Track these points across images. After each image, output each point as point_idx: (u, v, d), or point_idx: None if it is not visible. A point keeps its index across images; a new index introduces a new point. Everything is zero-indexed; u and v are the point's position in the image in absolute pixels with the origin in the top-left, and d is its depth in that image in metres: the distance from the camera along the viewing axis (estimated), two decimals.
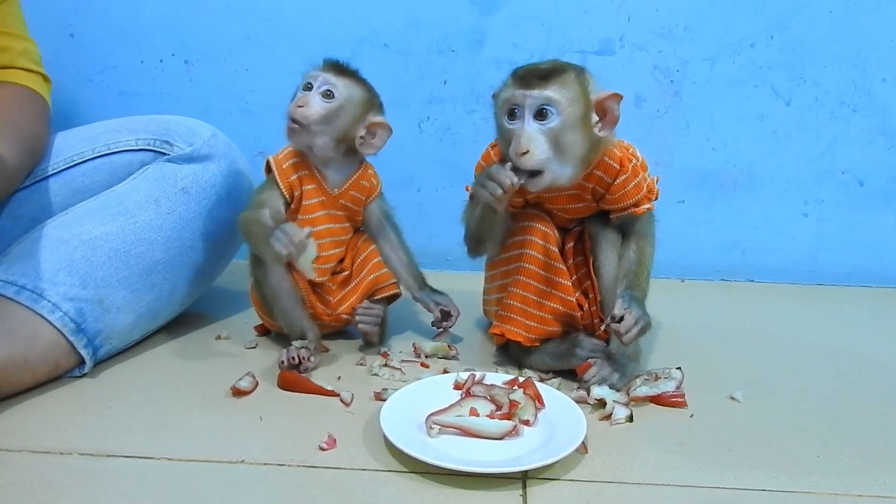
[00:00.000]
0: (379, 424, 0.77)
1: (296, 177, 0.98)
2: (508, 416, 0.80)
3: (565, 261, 0.95)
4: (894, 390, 0.95)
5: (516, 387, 0.84)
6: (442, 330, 1.07)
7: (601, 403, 0.85)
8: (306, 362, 0.94)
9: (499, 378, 0.89)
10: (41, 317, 0.88)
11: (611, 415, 0.83)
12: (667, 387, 0.89)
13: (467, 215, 0.98)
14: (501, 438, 0.78)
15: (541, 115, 0.84)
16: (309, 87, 0.96)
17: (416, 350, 1.03)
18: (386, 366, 0.96)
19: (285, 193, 0.97)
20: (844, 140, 1.36)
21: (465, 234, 0.98)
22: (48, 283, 0.90)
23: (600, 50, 1.34)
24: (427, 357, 1.01)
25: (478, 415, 0.80)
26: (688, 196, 1.41)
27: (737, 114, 1.36)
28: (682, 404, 0.88)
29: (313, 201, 0.99)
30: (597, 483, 0.72)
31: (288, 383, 0.91)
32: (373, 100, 1.00)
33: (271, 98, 1.34)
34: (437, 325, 1.06)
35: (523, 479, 0.72)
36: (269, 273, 0.98)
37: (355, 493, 0.70)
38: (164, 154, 1.04)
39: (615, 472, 0.74)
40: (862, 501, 0.71)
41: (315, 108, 0.95)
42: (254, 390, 0.90)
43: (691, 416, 0.86)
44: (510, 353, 0.99)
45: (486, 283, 1.04)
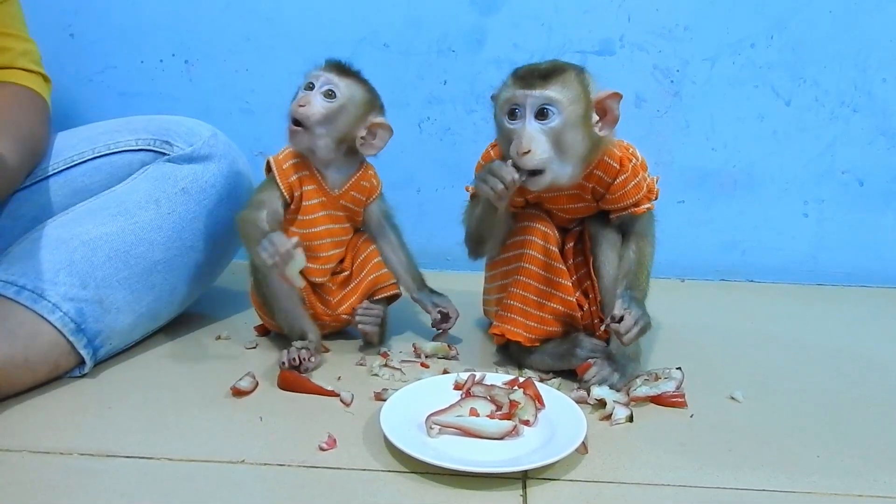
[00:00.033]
0: (379, 424, 0.77)
1: (296, 177, 0.98)
2: (508, 417, 0.80)
3: (565, 261, 0.95)
4: (894, 390, 0.95)
5: (516, 387, 0.84)
6: (442, 331, 1.07)
7: (601, 403, 0.85)
8: (307, 363, 0.94)
9: (499, 378, 0.89)
10: (41, 317, 0.88)
11: (611, 415, 0.83)
12: (667, 387, 0.89)
13: (468, 216, 0.98)
14: (501, 438, 0.78)
15: (542, 114, 0.84)
16: (311, 86, 0.96)
17: (416, 350, 1.03)
18: (386, 366, 0.96)
19: (285, 194, 0.98)
20: (844, 140, 1.36)
21: (466, 235, 0.98)
22: (48, 284, 0.90)
23: (600, 50, 1.34)
24: (427, 357, 1.01)
25: (478, 415, 0.80)
26: (688, 196, 1.41)
27: (737, 114, 1.36)
28: (683, 404, 0.88)
29: (313, 202, 0.99)
30: (597, 483, 0.72)
31: (288, 383, 0.91)
32: (374, 100, 1.00)
33: (271, 98, 1.34)
34: (436, 327, 1.07)
35: (523, 479, 0.72)
36: (270, 273, 0.98)
37: (355, 493, 0.70)
38: (164, 154, 1.04)
39: (615, 473, 0.74)
40: (862, 501, 0.71)
41: (317, 107, 0.95)
42: (254, 390, 0.90)
43: (691, 417, 0.86)
44: (510, 354, 0.99)
45: (486, 283, 1.04)
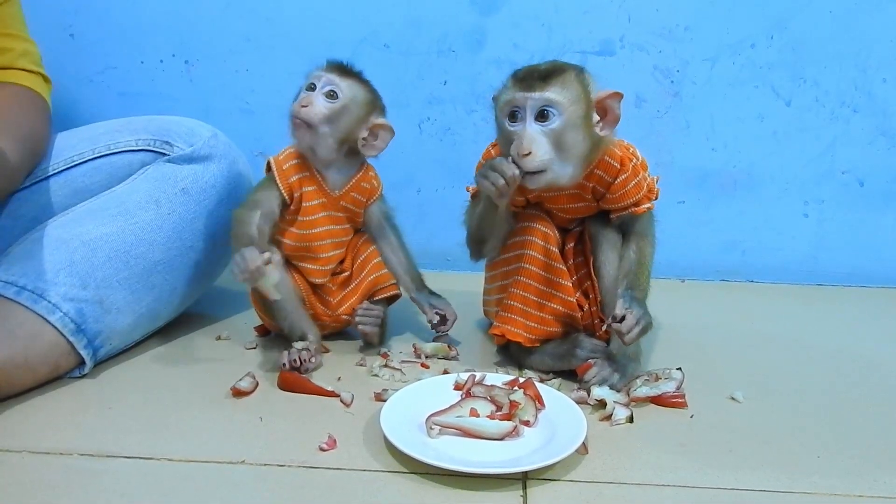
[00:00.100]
0: (379, 425, 0.77)
1: (296, 178, 0.98)
2: (509, 417, 0.80)
3: (566, 261, 0.95)
4: (894, 390, 0.95)
5: (516, 387, 0.84)
6: (441, 333, 1.07)
7: (601, 404, 0.85)
8: (307, 363, 0.94)
9: (499, 379, 0.89)
10: (41, 317, 0.88)
11: (611, 415, 0.83)
12: (667, 387, 0.89)
13: (469, 216, 0.98)
14: (502, 439, 0.78)
15: (542, 116, 0.84)
16: (312, 87, 0.96)
17: (416, 351, 1.03)
18: (386, 366, 0.96)
19: (284, 194, 0.97)
20: (844, 140, 1.36)
21: (467, 236, 0.98)
22: (48, 284, 0.90)
23: (600, 50, 1.34)
24: (427, 358, 1.01)
25: (478, 415, 0.80)
26: (688, 196, 1.41)
27: (737, 114, 1.36)
28: (683, 405, 0.88)
29: (314, 203, 0.99)
30: (597, 484, 0.72)
31: (288, 384, 0.91)
32: (376, 101, 1.00)
33: (271, 98, 1.34)
34: (435, 329, 1.06)
35: (523, 479, 0.72)
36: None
37: (355, 493, 0.70)
38: (165, 154, 1.04)
39: (615, 473, 0.74)
40: (862, 502, 0.71)
41: (319, 108, 0.95)
42: (254, 391, 0.90)
43: (692, 417, 0.86)
44: (510, 354, 0.99)
45: (487, 283, 1.04)
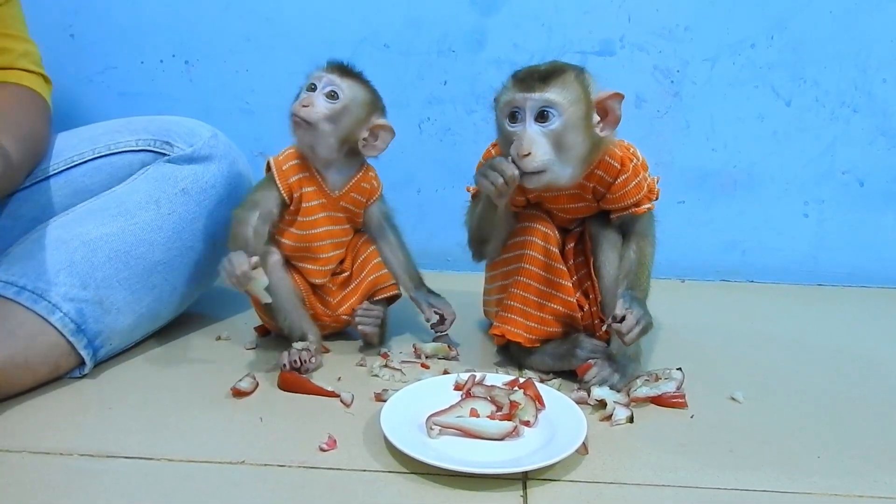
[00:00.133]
0: (379, 425, 0.77)
1: (295, 179, 0.98)
2: (509, 417, 0.80)
3: (566, 261, 0.95)
4: (894, 390, 0.95)
5: (517, 388, 0.84)
6: (440, 333, 1.06)
7: (602, 404, 0.85)
8: (307, 364, 0.94)
9: (499, 379, 0.89)
10: (41, 317, 0.88)
11: (611, 415, 0.83)
12: (667, 387, 0.89)
13: (469, 216, 0.98)
14: (502, 439, 0.78)
15: (542, 117, 0.84)
16: (313, 87, 0.96)
17: (416, 351, 1.03)
18: (386, 367, 0.96)
19: (283, 195, 0.97)
20: (845, 140, 1.36)
21: (469, 237, 0.98)
22: (48, 284, 0.90)
23: (600, 50, 1.34)
24: (427, 358, 1.01)
25: (478, 416, 0.80)
26: (688, 196, 1.41)
27: (737, 114, 1.36)
28: (683, 405, 0.88)
29: (313, 203, 0.99)
30: (597, 484, 0.72)
31: (288, 384, 0.91)
32: (376, 102, 0.99)
33: (272, 98, 1.34)
34: (434, 329, 1.06)
35: (524, 479, 0.72)
36: (270, 274, 0.98)
37: (356, 493, 0.70)
38: (165, 155, 1.04)
39: (616, 473, 0.74)
40: (863, 502, 0.71)
41: (320, 108, 0.95)
42: (254, 391, 0.90)
43: (692, 417, 0.86)
44: (510, 354, 0.99)
45: (487, 283, 1.04)
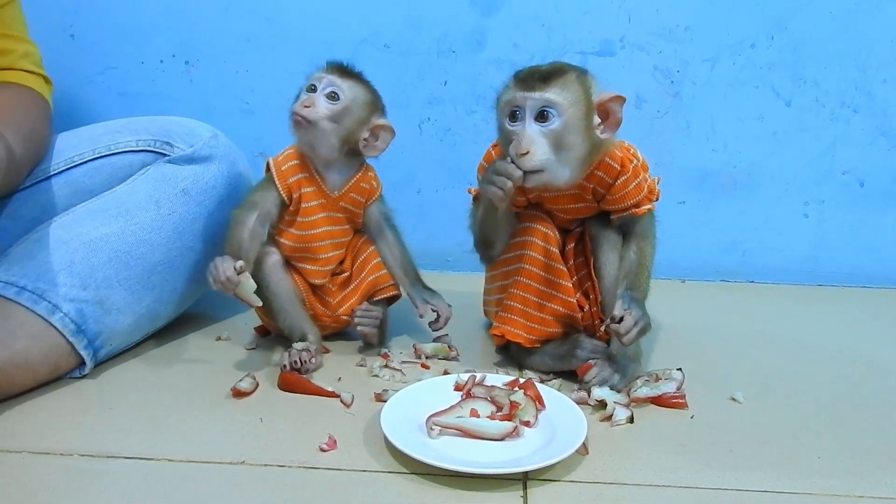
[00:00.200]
0: (379, 425, 0.77)
1: (295, 179, 0.98)
2: (509, 418, 0.80)
3: (566, 262, 0.95)
4: (894, 391, 0.95)
5: (517, 388, 0.84)
6: (443, 333, 1.06)
7: (602, 404, 0.85)
8: (307, 364, 0.94)
9: (499, 379, 0.89)
10: (41, 318, 0.88)
11: (611, 416, 0.83)
12: (667, 388, 0.89)
13: (473, 221, 0.97)
14: (502, 440, 0.78)
15: (542, 116, 0.84)
16: (313, 88, 0.96)
17: (416, 351, 1.03)
18: (386, 367, 0.96)
19: (283, 195, 0.97)
20: (845, 140, 1.36)
21: (475, 241, 0.98)
22: (49, 285, 0.90)
23: (601, 51, 1.34)
24: (427, 358, 1.01)
25: (478, 416, 0.80)
26: (688, 197, 1.41)
27: (737, 114, 1.36)
28: (683, 405, 0.88)
29: (313, 204, 0.99)
30: (597, 484, 0.72)
31: (288, 384, 0.91)
32: (376, 102, 0.99)
33: (272, 99, 1.34)
34: (430, 327, 1.06)
35: (524, 480, 0.72)
36: (270, 275, 0.98)
37: (356, 494, 0.70)
38: (165, 155, 1.04)
39: (616, 474, 0.74)
40: (863, 502, 0.71)
41: (321, 109, 0.94)
42: (254, 391, 0.90)
43: (692, 418, 0.86)
44: (510, 354, 0.99)
45: (487, 283, 1.04)
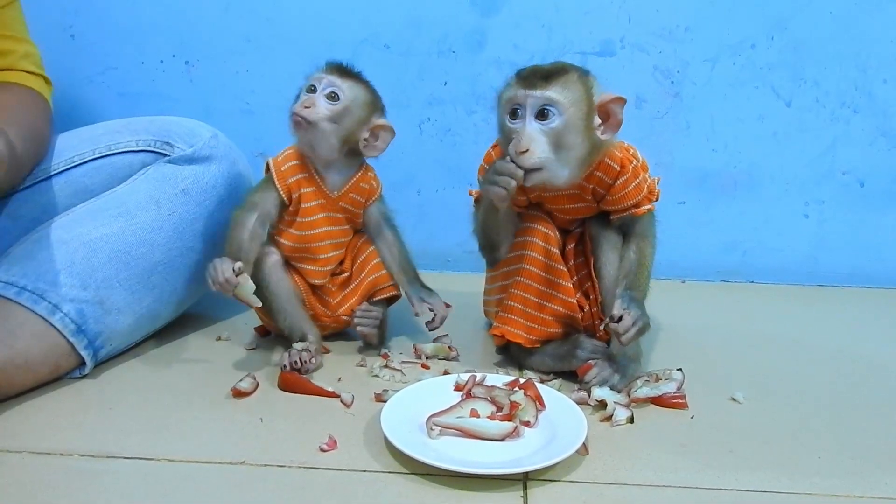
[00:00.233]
0: (380, 426, 0.77)
1: (294, 179, 0.98)
2: (509, 418, 0.80)
3: (566, 262, 0.95)
4: (894, 391, 0.95)
5: (517, 388, 0.84)
6: (444, 334, 1.06)
7: (602, 405, 0.85)
8: (307, 364, 0.94)
9: (499, 379, 0.89)
10: (42, 318, 0.88)
11: (612, 416, 0.83)
12: (667, 388, 0.89)
13: (476, 224, 0.97)
14: (502, 440, 0.78)
15: (542, 115, 0.84)
16: (313, 89, 0.96)
17: (416, 351, 1.03)
18: (386, 367, 0.96)
19: (283, 196, 0.97)
20: (845, 141, 1.36)
21: (480, 244, 0.98)
22: (49, 285, 0.90)
23: (601, 51, 1.34)
24: (427, 358, 1.01)
25: (478, 416, 0.80)
26: (688, 197, 1.41)
27: (737, 115, 1.36)
28: (683, 405, 0.88)
29: (312, 204, 0.99)
30: (598, 484, 0.72)
31: (288, 384, 0.91)
32: (376, 102, 0.99)
33: (272, 99, 1.34)
34: (427, 326, 1.06)
35: (524, 480, 0.72)
36: (270, 275, 0.98)
37: (356, 494, 0.70)
38: (165, 155, 1.04)
39: (616, 474, 0.74)
40: (863, 502, 0.71)
41: (321, 109, 0.94)
42: (254, 391, 0.90)
43: (692, 418, 0.86)
44: (511, 355, 0.99)
45: (487, 283, 1.04)
